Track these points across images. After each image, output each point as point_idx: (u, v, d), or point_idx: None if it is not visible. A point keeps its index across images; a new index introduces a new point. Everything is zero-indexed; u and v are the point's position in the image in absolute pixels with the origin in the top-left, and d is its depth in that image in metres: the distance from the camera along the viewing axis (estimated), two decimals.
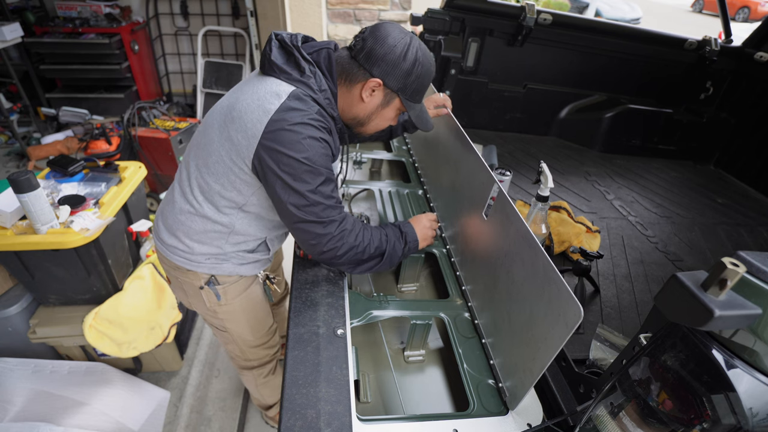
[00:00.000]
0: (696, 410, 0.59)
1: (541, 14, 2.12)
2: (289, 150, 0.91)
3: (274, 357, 1.54)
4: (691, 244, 1.74)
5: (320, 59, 1.01)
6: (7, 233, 1.54)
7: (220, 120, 1.00)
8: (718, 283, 0.53)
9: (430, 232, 1.26)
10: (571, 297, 0.69)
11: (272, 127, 0.92)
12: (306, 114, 0.94)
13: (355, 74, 1.02)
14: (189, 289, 1.23)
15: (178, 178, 1.12)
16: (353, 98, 1.05)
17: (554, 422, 0.89)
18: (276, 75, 0.99)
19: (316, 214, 0.98)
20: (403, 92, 1.04)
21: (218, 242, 1.11)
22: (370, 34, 0.99)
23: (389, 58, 0.98)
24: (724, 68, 2.43)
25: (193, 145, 1.09)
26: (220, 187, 1.02)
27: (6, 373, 1.68)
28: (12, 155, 3.63)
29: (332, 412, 0.85)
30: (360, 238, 1.06)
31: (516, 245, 0.92)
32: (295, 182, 0.94)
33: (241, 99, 0.97)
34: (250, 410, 1.96)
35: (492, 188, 1.05)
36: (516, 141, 2.46)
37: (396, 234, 1.16)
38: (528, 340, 0.86)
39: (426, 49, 1.03)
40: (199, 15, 3.97)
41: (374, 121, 1.10)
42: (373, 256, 1.10)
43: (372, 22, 4.12)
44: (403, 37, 0.98)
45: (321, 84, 1.00)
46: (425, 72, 1.03)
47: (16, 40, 3.08)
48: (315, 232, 0.99)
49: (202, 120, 1.10)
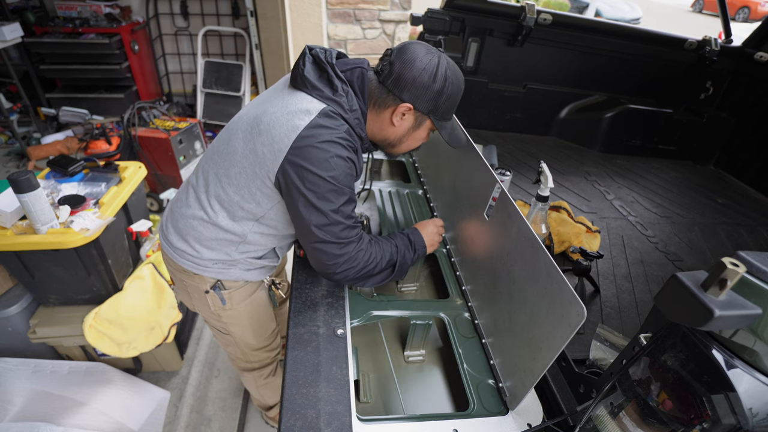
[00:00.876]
0: (696, 410, 0.59)
1: (541, 14, 2.12)
2: (315, 167, 0.90)
3: (275, 359, 1.53)
4: (691, 244, 1.74)
5: (353, 78, 1.00)
6: (7, 233, 1.54)
7: (245, 130, 0.99)
8: (718, 283, 0.53)
9: (436, 237, 1.27)
10: (575, 297, 0.69)
11: (300, 143, 0.91)
12: (335, 132, 0.93)
13: (385, 99, 1.01)
14: (194, 293, 1.22)
15: (193, 184, 1.11)
16: (383, 122, 1.05)
17: (554, 422, 0.89)
18: (308, 91, 0.97)
19: (336, 234, 0.97)
20: (435, 113, 1.03)
21: (228, 249, 1.11)
22: (397, 57, 0.97)
23: (419, 82, 0.96)
24: (724, 68, 2.43)
25: (213, 153, 1.07)
26: (240, 198, 1.02)
27: (6, 373, 1.68)
28: (12, 155, 3.63)
29: (332, 412, 0.85)
30: (373, 255, 1.05)
31: (518, 245, 0.92)
32: (318, 200, 0.93)
33: (270, 111, 0.96)
34: (250, 410, 1.96)
35: (494, 188, 1.05)
36: (516, 141, 2.46)
37: (405, 243, 1.16)
38: (529, 340, 0.86)
39: (454, 66, 1.02)
40: (199, 15, 3.97)
41: (405, 142, 1.10)
42: (384, 268, 1.10)
43: (372, 22, 4.12)
44: (431, 58, 0.97)
45: (352, 104, 0.99)
46: (456, 90, 1.02)
47: (16, 40, 3.08)
48: (332, 252, 0.98)
49: (225, 127, 1.09)
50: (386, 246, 1.11)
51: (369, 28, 4.13)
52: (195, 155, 3.10)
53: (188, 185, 1.14)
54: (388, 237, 1.17)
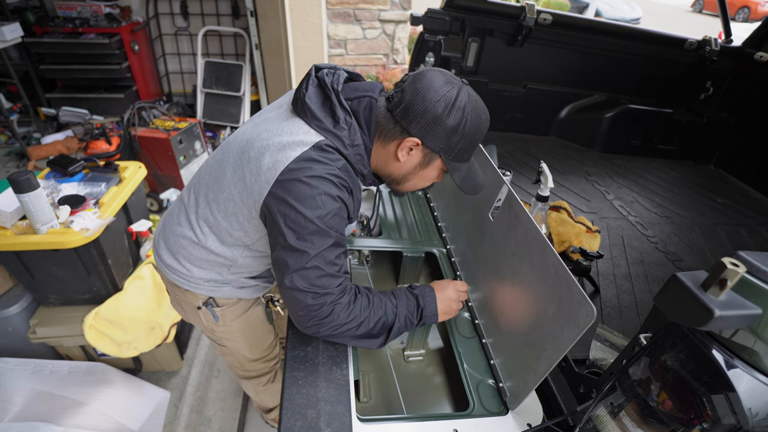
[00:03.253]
0: (696, 410, 0.59)
1: (541, 14, 2.12)
2: (299, 204, 0.81)
3: (274, 368, 1.50)
4: (691, 244, 1.74)
5: (359, 109, 0.89)
6: (7, 233, 1.54)
7: (236, 154, 0.91)
8: (718, 283, 0.53)
9: (455, 305, 1.08)
10: (584, 297, 0.70)
11: (287, 176, 0.82)
12: (327, 168, 0.83)
13: (391, 130, 0.90)
14: (186, 307, 1.19)
15: (185, 202, 1.05)
16: (388, 155, 0.93)
17: (554, 422, 0.89)
18: (307, 119, 0.87)
19: (311, 281, 0.84)
20: (446, 153, 0.90)
21: (218, 269, 1.06)
22: (410, 84, 0.87)
23: (430, 115, 0.85)
24: (724, 68, 2.43)
25: (205, 173, 1.01)
26: (228, 225, 0.95)
27: (6, 373, 1.68)
28: (12, 155, 3.63)
29: (332, 412, 0.85)
30: (357, 314, 0.89)
31: (525, 246, 0.91)
32: (298, 241, 0.82)
33: (263, 137, 0.88)
34: (250, 410, 1.96)
35: (500, 189, 1.04)
36: (516, 141, 2.46)
37: (411, 306, 0.99)
38: (533, 340, 0.86)
39: (477, 101, 0.89)
40: (199, 15, 3.96)
41: (411, 181, 0.98)
42: (371, 333, 0.93)
43: (372, 22, 4.12)
44: (449, 89, 0.85)
45: (354, 138, 0.88)
46: (475, 129, 0.88)
47: (16, 40, 3.08)
48: (304, 302, 0.84)
49: (221, 144, 1.02)
50: (381, 305, 0.95)
51: (369, 28, 4.13)
52: (195, 155, 3.10)
53: (180, 202, 1.08)
54: (391, 293, 1.00)
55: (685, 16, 15.17)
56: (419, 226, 1.51)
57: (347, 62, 4.26)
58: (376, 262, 1.55)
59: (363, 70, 4.33)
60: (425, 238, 1.45)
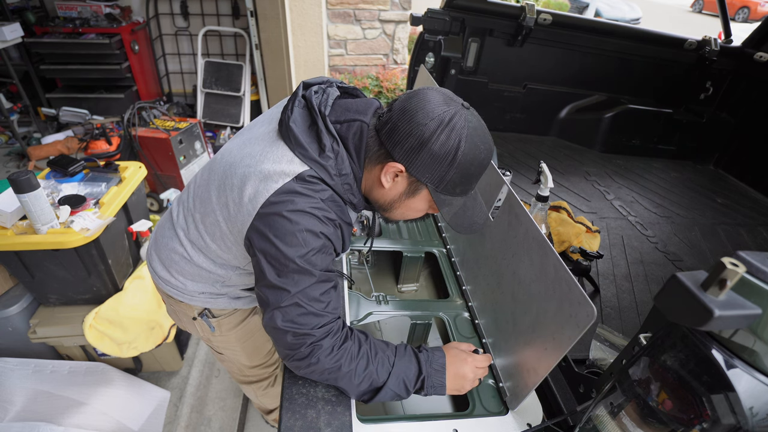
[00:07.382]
0: (696, 410, 0.59)
1: (541, 14, 2.12)
2: (279, 241, 0.75)
3: (274, 373, 1.49)
4: (691, 244, 1.74)
5: (349, 134, 0.81)
6: (7, 233, 1.54)
7: (220, 178, 0.86)
8: (718, 283, 0.53)
9: (468, 385, 0.94)
10: (584, 297, 0.70)
11: (267, 209, 0.76)
12: (310, 201, 0.76)
13: (376, 152, 0.81)
14: (182, 317, 1.18)
15: (174, 218, 1.01)
16: (373, 179, 0.85)
17: (554, 422, 0.89)
18: (291, 146, 0.80)
19: (290, 318, 0.78)
20: (434, 183, 0.79)
21: (212, 283, 1.03)
22: (401, 102, 0.78)
23: (414, 139, 0.75)
24: (724, 68, 2.43)
25: (192, 191, 0.97)
26: (217, 248, 0.92)
27: (6, 373, 1.68)
28: (12, 155, 3.63)
29: (332, 412, 0.85)
30: (338, 361, 0.82)
31: (525, 246, 0.91)
32: (278, 279, 0.77)
33: (245, 163, 0.82)
34: (250, 410, 1.96)
35: (500, 190, 1.04)
36: (516, 141, 2.47)
37: (410, 372, 0.88)
38: (533, 340, 0.86)
39: (477, 128, 0.77)
40: (199, 15, 3.96)
41: (398, 210, 0.88)
42: (358, 389, 0.84)
43: (372, 22, 4.11)
44: (444, 110, 0.74)
45: (342, 167, 0.80)
46: (470, 160, 0.76)
47: (17, 40, 3.08)
48: (284, 339, 0.79)
49: (209, 161, 0.98)
50: (374, 360, 0.85)
51: (369, 28, 4.13)
52: (195, 155, 3.10)
53: (170, 215, 1.04)
54: (393, 348, 0.91)
55: (685, 16, 15.17)
56: (419, 225, 1.51)
57: (347, 62, 4.26)
58: (376, 262, 1.55)
59: (363, 71, 4.33)
60: (425, 238, 1.45)
